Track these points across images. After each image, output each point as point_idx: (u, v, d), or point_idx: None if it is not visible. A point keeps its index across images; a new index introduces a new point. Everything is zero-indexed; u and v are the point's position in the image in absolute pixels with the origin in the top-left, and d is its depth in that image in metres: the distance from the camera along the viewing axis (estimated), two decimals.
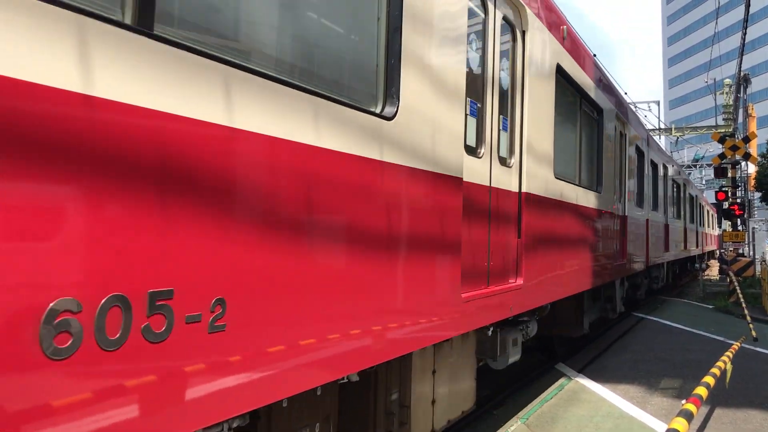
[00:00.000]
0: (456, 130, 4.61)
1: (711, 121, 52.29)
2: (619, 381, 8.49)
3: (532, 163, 6.33)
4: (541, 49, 6.68)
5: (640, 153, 13.99)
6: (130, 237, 2.12)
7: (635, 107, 34.39)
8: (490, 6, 5.53)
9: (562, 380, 8.61)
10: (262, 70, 2.77)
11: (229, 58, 2.58)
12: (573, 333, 9.90)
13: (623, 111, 11.99)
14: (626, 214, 11.76)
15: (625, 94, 24.85)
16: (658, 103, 44.86)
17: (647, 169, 15.03)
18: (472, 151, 5.09)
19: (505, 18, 5.87)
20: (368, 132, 3.49)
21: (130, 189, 2.12)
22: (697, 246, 27.97)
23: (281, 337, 2.79)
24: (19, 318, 1.83)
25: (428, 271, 4.15)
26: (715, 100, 41.99)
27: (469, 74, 5.04)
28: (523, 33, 6.27)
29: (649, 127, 35.30)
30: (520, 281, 6.01)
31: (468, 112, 4.95)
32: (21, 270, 1.83)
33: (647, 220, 14.51)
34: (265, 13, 3.11)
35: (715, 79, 41.45)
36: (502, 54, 5.87)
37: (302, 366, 2.93)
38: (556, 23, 7.30)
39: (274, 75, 2.83)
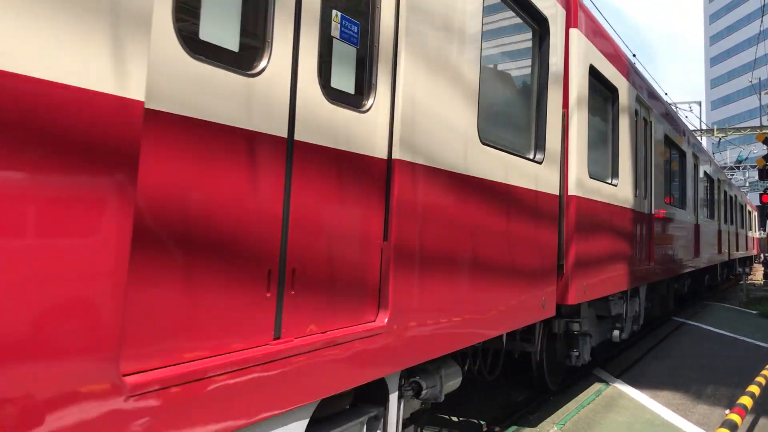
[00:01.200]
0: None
1: (755, 122, 50.96)
2: (659, 387, 8.29)
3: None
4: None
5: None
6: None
7: (676, 108, 33.71)
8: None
9: (600, 385, 8.45)
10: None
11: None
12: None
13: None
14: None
15: (666, 94, 24.37)
16: (699, 103, 43.89)
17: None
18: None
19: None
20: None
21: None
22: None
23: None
24: None
25: None
26: (760, 99, 40.85)
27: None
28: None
29: (690, 128, 34.60)
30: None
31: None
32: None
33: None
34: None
35: (759, 79, 40.38)
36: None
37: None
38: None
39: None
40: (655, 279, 11.05)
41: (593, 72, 7.67)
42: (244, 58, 2.76)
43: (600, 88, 8.21)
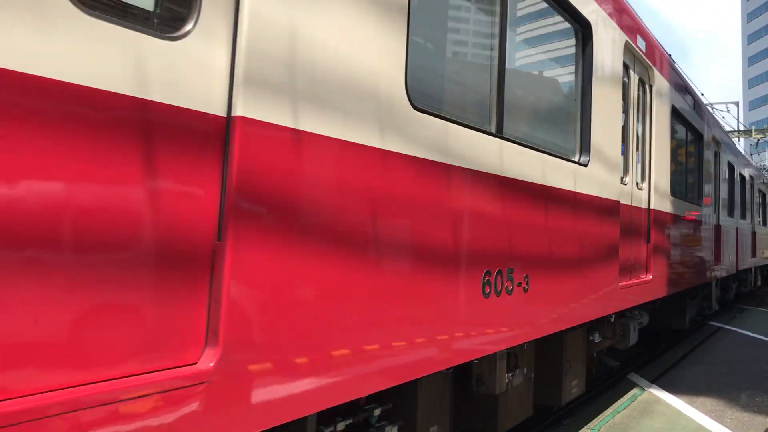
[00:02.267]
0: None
1: None
2: (695, 393, 8.14)
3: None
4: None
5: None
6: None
7: (712, 108, 33.05)
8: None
9: (634, 390, 8.33)
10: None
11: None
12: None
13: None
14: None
15: (702, 95, 23.94)
16: (737, 104, 42.96)
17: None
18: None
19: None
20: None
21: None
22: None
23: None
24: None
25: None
26: None
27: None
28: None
29: (727, 128, 33.91)
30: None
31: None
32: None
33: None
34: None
35: None
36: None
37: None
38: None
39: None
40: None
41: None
42: None
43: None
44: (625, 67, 7.40)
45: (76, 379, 1.94)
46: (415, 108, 3.39)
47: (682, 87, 10.32)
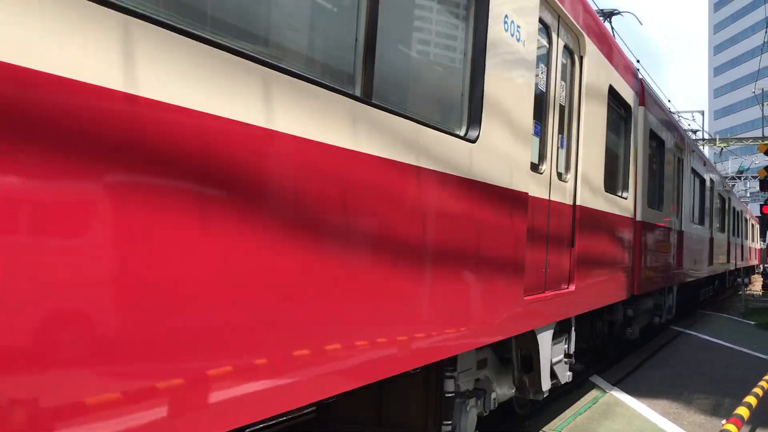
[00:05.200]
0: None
1: (757, 132, 50.99)
2: (656, 396, 8.26)
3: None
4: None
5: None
6: None
7: (678, 116, 33.70)
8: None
9: (596, 393, 8.43)
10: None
11: None
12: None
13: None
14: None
15: (669, 101, 24.35)
16: (702, 112, 43.86)
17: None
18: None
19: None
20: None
21: None
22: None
23: None
24: None
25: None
26: (762, 110, 40.85)
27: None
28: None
29: (692, 137, 34.57)
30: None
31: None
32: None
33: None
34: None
35: (762, 89, 40.34)
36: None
37: None
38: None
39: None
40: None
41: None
42: None
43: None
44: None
45: None
46: None
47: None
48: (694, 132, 35.56)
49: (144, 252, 2.11)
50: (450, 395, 4.74)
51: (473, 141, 4.31)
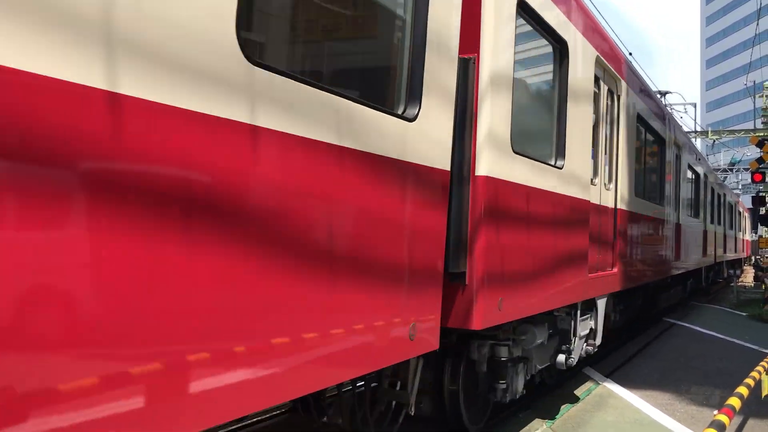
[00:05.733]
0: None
1: (749, 125, 51.20)
2: (648, 387, 8.32)
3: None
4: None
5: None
6: None
7: (671, 109, 33.81)
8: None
9: (589, 385, 8.48)
10: None
11: None
12: None
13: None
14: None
15: (662, 96, 24.40)
16: (694, 105, 44.02)
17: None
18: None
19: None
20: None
21: None
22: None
23: None
24: None
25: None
26: (754, 103, 41.01)
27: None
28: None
29: (685, 129, 34.68)
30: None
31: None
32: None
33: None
34: None
35: (754, 82, 40.49)
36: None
37: None
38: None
39: None
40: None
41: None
42: None
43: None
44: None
45: None
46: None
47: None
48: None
49: None
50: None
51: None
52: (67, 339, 2.05)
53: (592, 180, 7.39)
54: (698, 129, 41.12)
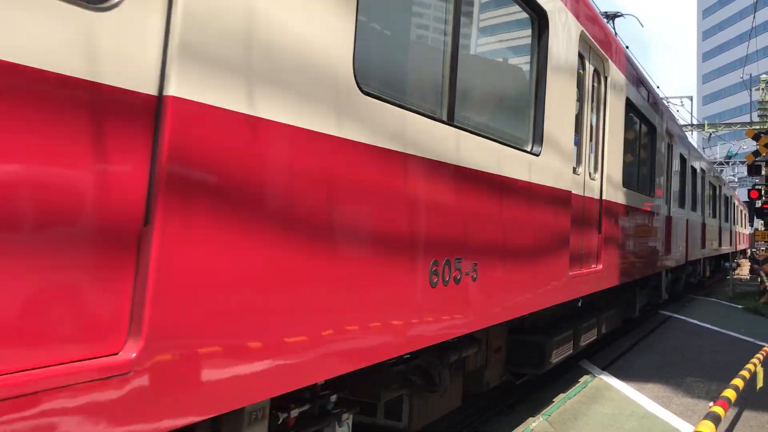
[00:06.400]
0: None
1: (745, 118, 51.24)
2: (644, 380, 8.34)
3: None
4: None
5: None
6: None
7: (667, 102, 33.82)
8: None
9: (585, 377, 8.49)
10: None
11: None
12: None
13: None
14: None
15: (657, 87, 24.41)
16: (691, 98, 44.04)
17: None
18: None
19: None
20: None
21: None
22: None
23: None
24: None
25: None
26: (750, 96, 41.07)
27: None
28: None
29: (681, 122, 34.71)
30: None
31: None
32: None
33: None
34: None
35: (750, 75, 40.54)
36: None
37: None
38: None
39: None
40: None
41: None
42: None
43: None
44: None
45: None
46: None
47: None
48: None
49: None
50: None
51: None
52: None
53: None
54: (695, 122, 41.15)
